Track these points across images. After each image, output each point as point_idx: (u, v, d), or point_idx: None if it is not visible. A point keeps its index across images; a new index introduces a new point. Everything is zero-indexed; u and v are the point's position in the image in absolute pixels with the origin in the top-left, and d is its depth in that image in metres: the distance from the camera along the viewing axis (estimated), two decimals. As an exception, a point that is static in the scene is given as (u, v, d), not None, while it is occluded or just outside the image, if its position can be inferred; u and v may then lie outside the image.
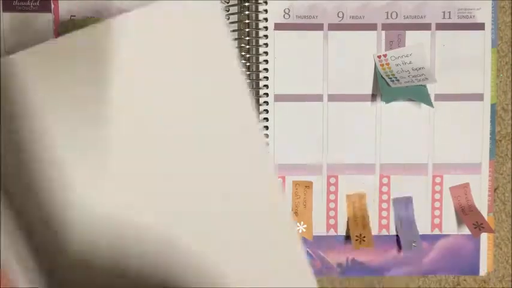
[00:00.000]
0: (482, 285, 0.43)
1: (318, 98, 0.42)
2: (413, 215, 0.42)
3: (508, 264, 0.44)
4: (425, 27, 0.42)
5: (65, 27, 0.41)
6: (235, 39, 0.41)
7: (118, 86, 0.30)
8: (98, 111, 0.30)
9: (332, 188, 0.42)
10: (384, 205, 0.42)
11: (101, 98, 0.30)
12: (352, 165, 0.42)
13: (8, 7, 0.41)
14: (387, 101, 0.41)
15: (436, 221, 0.43)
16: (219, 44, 0.30)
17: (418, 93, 0.41)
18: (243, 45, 0.41)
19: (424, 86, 0.41)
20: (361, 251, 0.42)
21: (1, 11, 0.41)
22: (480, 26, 0.42)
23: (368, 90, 0.42)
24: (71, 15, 0.41)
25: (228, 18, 0.41)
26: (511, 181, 0.44)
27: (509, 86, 0.43)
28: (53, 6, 0.41)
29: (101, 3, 0.41)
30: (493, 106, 0.42)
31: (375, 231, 0.42)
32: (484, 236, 0.43)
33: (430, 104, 0.41)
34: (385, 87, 0.41)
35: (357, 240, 0.41)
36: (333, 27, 0.42)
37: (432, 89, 0.41)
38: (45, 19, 0.41)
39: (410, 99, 0.42)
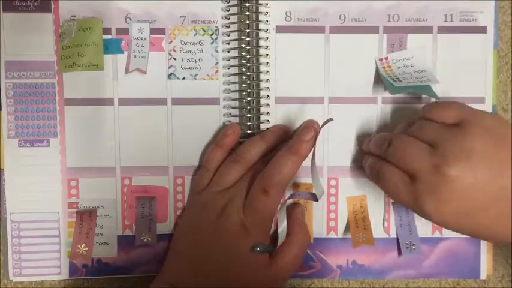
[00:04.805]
0: (482, 285, 0.43)
1: (319, 100, 0.42)
2: (414, 217, 0.42)
3: (508, 264, 0.44)
4: (427, 30, 0.42)
5: (65, 27, 0.41)
6: (236, 39, 0.41)
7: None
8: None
9: (332, 190, 0.42)
10: (385, 207, 0.42)
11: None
12: (352, 168, 0.42)
13: (8, 7, 0.41)
14: (393, 94, 0.40)
15: (437, 223, 0.43)
16: None
17: (422, 88, 0.40)
18: (243, 45, 0.41)
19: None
20: (362, 254, 0.42)
21: (1, 11, 0.41)
22: (482, 29, 0.42)
23: (369, 92, 0.42)
24: (71, 15, 0.41)
25: (228, 19, 0.41)
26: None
27: (509, 86, 0.43)
28: (53, 6, 0.41)
29: (101, 3, 0.41)
30: (494, 108, 0.42)
31: (375, 233, 0.41)
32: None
33: (435, 96, 0.40)
34: (389, 83, 0.40)
35: (356, 239, 0.41)
36: (335, 29, 0.42)
37: (433, 93, 0.41)
38: (45, 19, 0.41)
39: (415, 93, 0.41)
